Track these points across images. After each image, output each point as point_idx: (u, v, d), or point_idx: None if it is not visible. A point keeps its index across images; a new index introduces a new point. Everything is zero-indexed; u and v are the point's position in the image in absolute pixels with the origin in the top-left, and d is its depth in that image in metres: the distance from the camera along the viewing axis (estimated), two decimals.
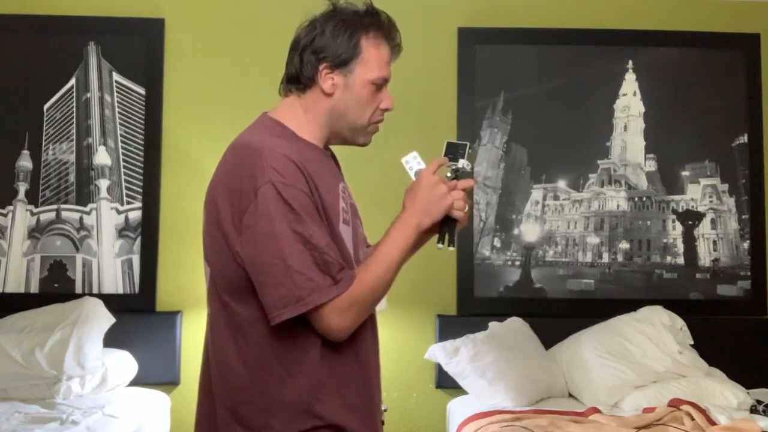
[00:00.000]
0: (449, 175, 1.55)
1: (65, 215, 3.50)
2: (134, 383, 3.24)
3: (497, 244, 3.62)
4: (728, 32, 3.67)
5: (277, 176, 1.41)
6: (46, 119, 3.53)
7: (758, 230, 3.62)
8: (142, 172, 3.52)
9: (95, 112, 3.55)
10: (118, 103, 3.55)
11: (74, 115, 3.54)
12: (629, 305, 3.39)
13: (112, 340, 3.18)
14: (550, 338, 3.36)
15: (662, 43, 3.66)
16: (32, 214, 3.50)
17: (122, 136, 3.54)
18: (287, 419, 1.44)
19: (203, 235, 1.55)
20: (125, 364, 3.21)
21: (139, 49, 3.55)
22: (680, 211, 3.65)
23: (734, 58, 3.67)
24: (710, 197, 3.64)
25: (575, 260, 3.63)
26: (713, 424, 2.57)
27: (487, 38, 3.63)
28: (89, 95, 3.55)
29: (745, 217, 3.64)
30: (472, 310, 3.53)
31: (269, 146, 1.46)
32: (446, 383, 3.35)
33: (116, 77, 3.56)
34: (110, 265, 3.49)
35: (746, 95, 3.66)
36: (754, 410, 2.83)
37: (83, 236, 3.50)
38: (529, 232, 3.64)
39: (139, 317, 3.40)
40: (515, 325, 3.37)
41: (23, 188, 3.51)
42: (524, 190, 3.65)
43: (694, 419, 2.60)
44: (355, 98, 1.56)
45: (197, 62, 3.59)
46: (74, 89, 3.55)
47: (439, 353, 3.19)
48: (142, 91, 3.55)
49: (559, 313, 3.55)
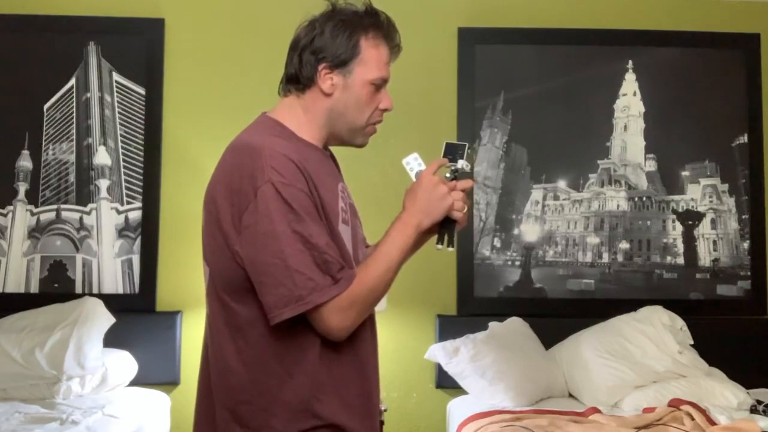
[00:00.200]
0: (448, 175, 1.55)
1: (65, 215, 3.50)
2: (134, 383, 3.24)
3: (497, 244, 3.62)
4: (728, 32, 3.67)
5: (276, 176, 1.41)
6: (46, 119, 3.53)
7: (758, 230, 3.62)
8: (142, 172, 3.52)
9: (95, 112, 3.55)
10: (118, 103, 3.55)
11: (74, 115, 3.54)
12: (629, 305, 3.39)
13: (112, 340, 3.18)
14: (550, 338, 3.36)
15: (662, 43, 3.66)
16: (32, 214, 3.50)
17: (122, 136, 3.54)
18: (287, 419, 1.44)
19: (202, 235, 1.55)
20: (125, 364, 3.21)
21: (139, 49, 3.55)
22: (680, 211, 3.65)
23: (734, 58, 3.67)
24: (710, 197, 3.64)
25: (575, 260, 3.63)
26: (713, 424, 2.57)
27: (487, 38, 3.63)
28: (89, 95, 3.55)
29: (745, 217, 3.63)
30: (472, 310, 3.53)
31: (269, 146, 1.46)
32: (446, 383, 3.35)
33: (116, 77, 3.56)
34: (110, 265, 3.49)
35: (746, 95, 3.66)
36: (754, 410, 2.83)
37: (83, 236, 3.50)
38: (529, 232, 3.64)
39: (139, 317, 3.40)
40: (515, 325, 3.37)
41: (23, 188, 3.51)
42: (524, 190, 3.65)
43: (694, 419, 2.60)
44: (354, 98, 1.56)
45: (197, 62, 3.59)
46: (74, 89, 3.55)
47: (439, 353, 3.19)
48: (142, 91, 3.55)
49: (559, 313, 3.55)
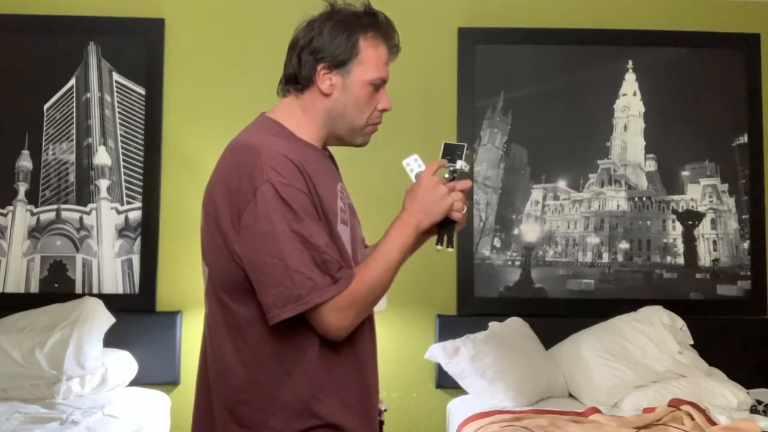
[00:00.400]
0: (447, 176, 1.55)
1: (65, 215, 3.50)
2: (134, 383, 3.24)
3: (497, 244, 3.62)
4: (728, 32, 3.67)
5: (275, 176, 1.41)
6: (46, 119, 3.53)
7: (758, 230, 3.62)
8: (142, 172, 3.52)
9: (95, 112, 3.55)
10: (118, 103, 3.55)
11: (74, 115, 3.54)
12: (629, 305, 3.38)
13: (112, 340, 3.18)
14: (550, 338, 3.36)
15: (662, 43, 3.65)
16: (32, 214, 3.50)
17: (122, 136, 3.54)
18: (286, 419, 1.44)
19: (201, 234, 1.55)
20: (125, 364, 3.21)
21: (139, 49, 3.55)
22: (680, 211, 3.65)
23: (734, 58, 3.67)
24: (710, 197, 3.64)
25: (575, 260, 3.63)
26: (713, 424, 2.57)
27: (487, 38, 3.63)
28: (89, 95, 3.55)
29: (745, 217, 3.63)
30: (472, 310, 3.53)
31: (268, 146, 1.46)
32: (446, 383, 3.35)
33: (116, 77, 3.56)
34: (110, 265, 3.49)
35: (746, 95, 3.66)
36: (754, 410, 2.83)
37: (83, 236, 3.50)
38: (529, 232, 3.64)
39: (139, 317, 3.40)
40: (515, 325, 3.37)
41: (23, 188, 3.51)
42: (524, 190, 3.65)
43: (694, 419, 2.60)
44: (353, 99, 1.56)
45: (197, 62, 3.59)
46: (74, 89, 3.55)
47: (439, 353, 3.18)
48: (142, 91, 3.55)
49: (559, 313, 3.55)
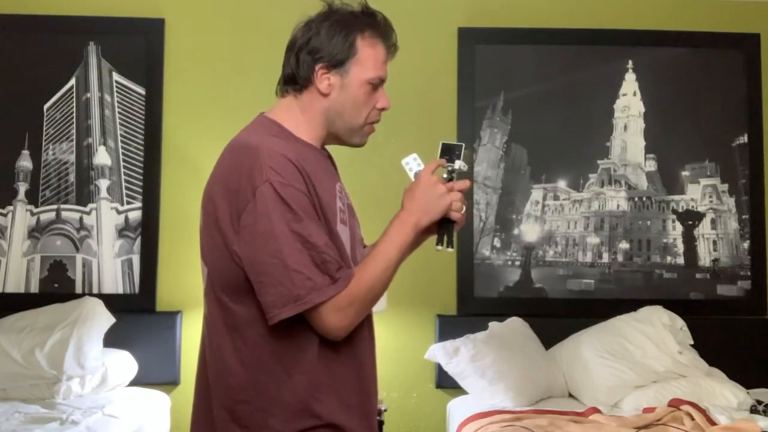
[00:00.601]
0: (445, 176, 1.55)
1: (65, 215, 3.50)
2: (134, 383, 3.24)
3: (497, 244, 3.62)
4: (728, 32, 3.67)
5: (275, 176, 1.41)
6: (46, 119, 3.54)
7: (758, 230, 3.62)
8: (142, 172, 3.52)
9: (95, 112, 3.55)
10: (118, 103, 3.55)
11: (74, 115, 3.55)
12: (629, 305, 3.38)
13: (112, 340, 3.18)
14: (550, 338, 3.35)
15: (662, 43, 3.65)
16: (32, 214, 3.50)
17: (122, 136, 3.54)
18: (285, 419, 1.44)
19: (200, 234, 1.55)
20: (125, 364, 3.21)
21: (139, 49, 3.55)
22: (680, 211, 3.65)
23: (734, 58, 3.67)
24: (710, 197, 3.64)
25: (575, 260, 3.63)
26: (713, 424, 2.57)
27: (487, 38, 3.63)
28: (89, 95, 3.55)
29: (745, 217, 3.63)
30: (472, 310, 3.53)
31: (267, 146, 1.46)
32: (446, 383, 3.35)
33: (116, 77, 3.56)
34: (110, 265, 3.49)
35: (746, 95, 3.66)
36: (754, 410, 2.82)
37: (83, 236, 3.50)
38: (529, 232, 3.64)
39: (139, 317, 3.40)
40: (515, 325, 3.36)
41: (23, 188, 3.51)
42: (524, 190, 3.65)
43: (694, 419, 2.60)
44: (351, 98, 1.56)
45: (197, 62, 3.59)
46: (74, 89, 3.55)
47: (439, 353, 3.18)
48: (142, 91, 3.55)
49: (559, 313, 3.55)
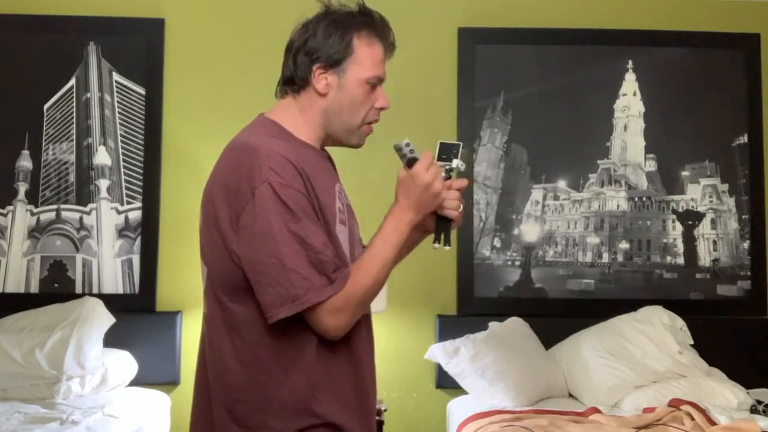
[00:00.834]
0: (443, 175, 1.55)
1: (65, 215, 3.51)
2: (134, 383, 3.24)
3: (497, 244, 3.62)
4: (728, 32, 3.67)
5: (274, 176, 1.42)
6: (46, 119, 3.54)
7: (758, 230, 3.62)
8: (142, 172, 3.53)
9: (95, 112, 3.55)
10: (118, 103, 3.55)
11: (74, 115, 3.55)
12: (629, 305, 3.38)
13: (112, 340, 3.18)
14: (550, 338, 3.35)
15: (662, 43, 3.65)
16: (32, 214, 3.50)
17: (122, 136, 3.54)
18: (284, 418, 1.45)
19: (200, 234, 1.56)
20: (125, 364, 3.21)
21: (139, 49, 3.55)
22: (680, 211, 3.65)
23: (734, 58, 3.67)
24: (710, 197, 3.64)
25: (575, 260, 3.63)
26: (713, 424, 2.57)
27: (487, 38, 3.63)
28: (89, 95, 3.55)
29: (745, 217, 3.63)
30: (472, 310, 3.53)
31: (267, 146, 1.46)
32: (446, 383, 3.35)
33: (116, 77, 3.56)
34: (110, 265, 3.49)
35: (746, 95, 3.65)
36: (754, 410, 2.82)
37: (83, 236, 3.50)
38: (529, 232, 3.64)
39: (139, 317, 3.40)
40: (515, 325, 3.36)
41: (23, 188, 3.51)
42: (524, 190, 3.65)
43: (694, 419, 2.60)
44: (349, 98, 1.56)
45: (197, 62, 3.59)
46: (74, 89, 3.55)
47: (439, 353, 3.18)
48: (142, 91, 3.55)
49: (559, 313, 3.55)
